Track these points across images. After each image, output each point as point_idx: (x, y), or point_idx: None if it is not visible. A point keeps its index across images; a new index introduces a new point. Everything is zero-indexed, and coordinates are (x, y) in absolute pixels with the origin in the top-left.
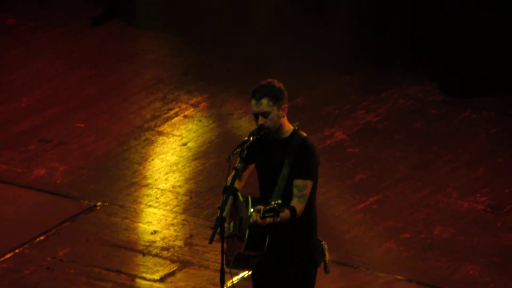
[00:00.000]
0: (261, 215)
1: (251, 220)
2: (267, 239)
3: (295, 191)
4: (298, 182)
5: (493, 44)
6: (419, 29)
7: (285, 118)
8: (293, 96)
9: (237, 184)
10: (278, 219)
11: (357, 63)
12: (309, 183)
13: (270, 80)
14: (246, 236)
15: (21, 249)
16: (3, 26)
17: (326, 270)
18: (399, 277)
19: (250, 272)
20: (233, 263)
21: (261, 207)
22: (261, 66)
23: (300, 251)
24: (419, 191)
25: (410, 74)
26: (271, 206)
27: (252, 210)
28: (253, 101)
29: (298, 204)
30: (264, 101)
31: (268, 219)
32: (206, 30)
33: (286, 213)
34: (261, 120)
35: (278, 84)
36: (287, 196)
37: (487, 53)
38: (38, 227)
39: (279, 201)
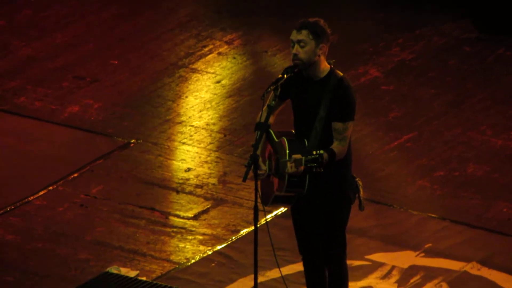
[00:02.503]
0: (302, 165)
1: (289, 170)
2: (307, 180)
3: (335, 134)
4: (337, 126)
5: None
6: None
7: (323, 58)
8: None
9: (269, 121)
10: (321, 169)
11: (391, 0)
12: (349, 125)
13: (317, 18)
14: (286, 179)
15: (54, 186)
16: None
17: (360, 207)
18: (433, 215)
19: (284, 209)
20: (272, 202)
21: (300, 157)
22: (296, 2)
23: (334, 187)
24: (453, 129)
25: (444, 12)
26: (313, 157)
27: (288, 158)
28: (294, 31)
29: (339, 146)
30: (304, 32)
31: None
32: None
33: (325, 158)
34: (295, 50)
35: (323, 24)
36: (325, 136)
37: None
38: (72, 164)
39: (321, 152)
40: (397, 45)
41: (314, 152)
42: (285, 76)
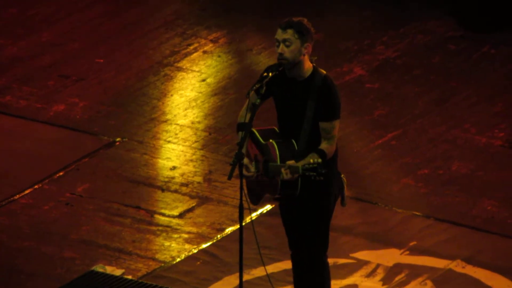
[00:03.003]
0: (299, 173)
1: (284, 177)
2: (299, 182)
3: (323, 133)
4: (325, 125)
5: None
6: None
7: (307, 57)
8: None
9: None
10: (321, 178)
11: None
12: (336, 123)
13: (300, 18)
14: (279, 184)
15: (40, 184)
16: None
17: (343, 203)
18: (417, 213)
19: (270, 207)
20: (262, 202)
21: (296, 165)
22: (280, 2)
23: (321, 182)
24: (438, 127)
25: (429, 9)
26: (311, 166)
27: (280, 163)
28: (279, 30)
29: (328, 146)
30: (290, 31)
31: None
32: None
33: (319, 161)
34: (281, 49)
35: (307, 23)
36: (313, 137)
37: None
38: (58, 163)
39: (319, 160)
40: (382, 43)
41: (311, 161)
42: (270, 74)
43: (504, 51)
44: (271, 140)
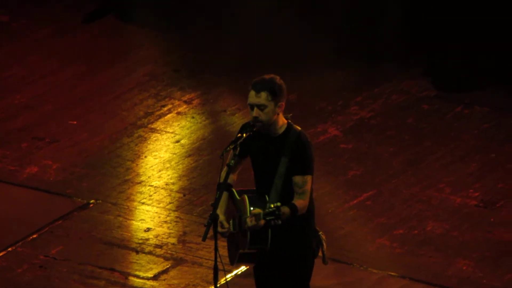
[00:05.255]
0: (261, 219)
1: (249, 224)
2: (270, 235)
3: (295, 188)
4: (297, 180)
5: (485, 38)
6: (412, 25)
7: (281, 114)
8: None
9: (230, 180)
10: (279, 222)
11: (349, 59)
12: (309, 178)
13: (272, 75)
14: (248, 236)
15: (14, 247)
16: None
17: (324, 261)
18: (393, 273)
19: (245, 269)
20: (238, 261)
21: (259, 211)
22: (253, 63)
23: (298, 239)
24: (412, 187)
25: (403, 70)
26: (270, 210)
27: (249, 214)
28: (252, 92)
29: (299, 200)
30: (263, 94)
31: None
32: (198, 26)
33: (286, 212)
34: (255, 113)
35: (280, 81)
36: (285, 192)
37: (479, 48)
38: (31, 225)
39: (278, 204)
40: (356, 104)
41: (272, 206)
42: (244, 135)
43: (477, 111)
44: (243, 195)
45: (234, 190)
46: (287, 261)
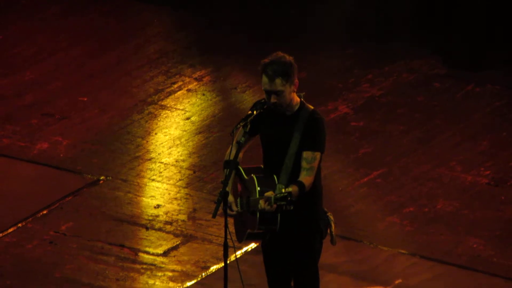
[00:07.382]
0: (271, 204)
1: (259, 207)
2: (279, 216)
3: (303, 163)
4: (307, 155)
5: (497, 16)
6: (423, 2)
7: (294, 92)
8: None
9: (238, 158)
10: (291, 207)
11: (360, 37)
12: (318, 155)
13: (280, 55)
14: (258, 217)
15: (24, 223)
16: (5, 0)
17: (332, 242)
18: (402, 251)
19: (255, 246)
20: (246, 239)
21: (270, 194)
22: (264, 40)
23: (306, 220)
24: (423, 165)
25: (414, 48)
26: (282, 195)
27: (259, 196)
28: (265, 79)
29: (306, 177)
30: (278, 81)
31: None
32: (209, 2)
33: (295, 191)
34: (273, 99)
35: (289, 59)
36: (295, 171)
37: (490, 26)
38: (41, 201)
39: (290, 189)
40: (367, 81)
41: (283, 190)
42: (255, 112)
43: (489, 89)
44: (252, 175)
45: (241, 168)
46: (296, 241)
